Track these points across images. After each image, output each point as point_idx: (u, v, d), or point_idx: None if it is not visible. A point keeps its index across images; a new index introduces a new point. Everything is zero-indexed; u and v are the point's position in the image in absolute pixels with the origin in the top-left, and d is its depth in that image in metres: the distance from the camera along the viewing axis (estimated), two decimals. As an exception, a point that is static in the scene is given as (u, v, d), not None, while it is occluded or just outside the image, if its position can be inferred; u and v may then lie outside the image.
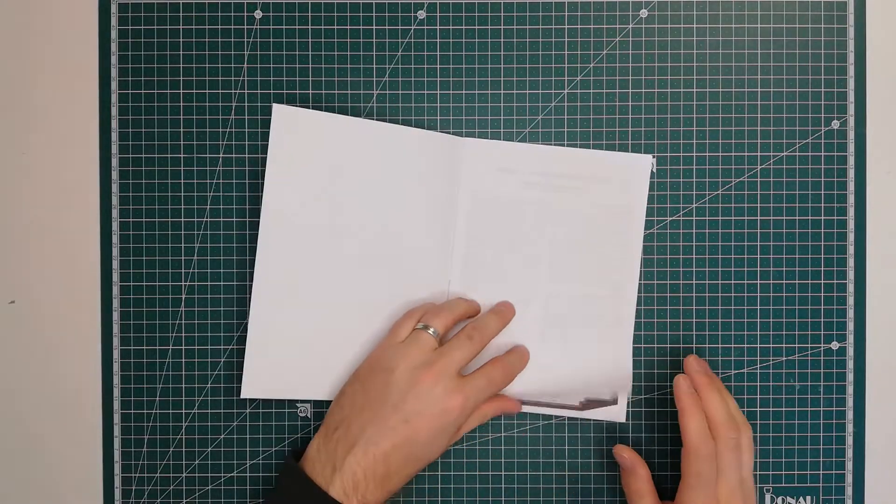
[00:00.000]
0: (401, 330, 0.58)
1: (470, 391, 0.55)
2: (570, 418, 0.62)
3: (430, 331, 0.56)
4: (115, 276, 0.62)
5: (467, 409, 0.55)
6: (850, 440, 0.62)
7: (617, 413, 0.62)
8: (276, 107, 0.60)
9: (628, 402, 0.62)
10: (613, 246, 0.62)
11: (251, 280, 0.62)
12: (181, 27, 0.62)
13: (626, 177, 0.62)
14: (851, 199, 0.62)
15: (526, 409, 0.62)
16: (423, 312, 0.59)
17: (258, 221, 0.62)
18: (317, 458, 0.54)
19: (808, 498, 0.62)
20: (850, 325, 0.62)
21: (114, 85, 0.62)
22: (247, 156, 0.62)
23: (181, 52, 0.62)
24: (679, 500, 0.55)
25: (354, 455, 0.53)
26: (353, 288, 0.61)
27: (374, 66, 0.62)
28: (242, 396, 0.61)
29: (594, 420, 0.62)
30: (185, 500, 0.63)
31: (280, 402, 0.62)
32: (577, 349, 0.62)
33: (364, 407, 0.54)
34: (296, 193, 0.60)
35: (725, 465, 0.55)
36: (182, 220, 0.62)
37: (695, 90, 0.62)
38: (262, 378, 0.61)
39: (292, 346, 0.61)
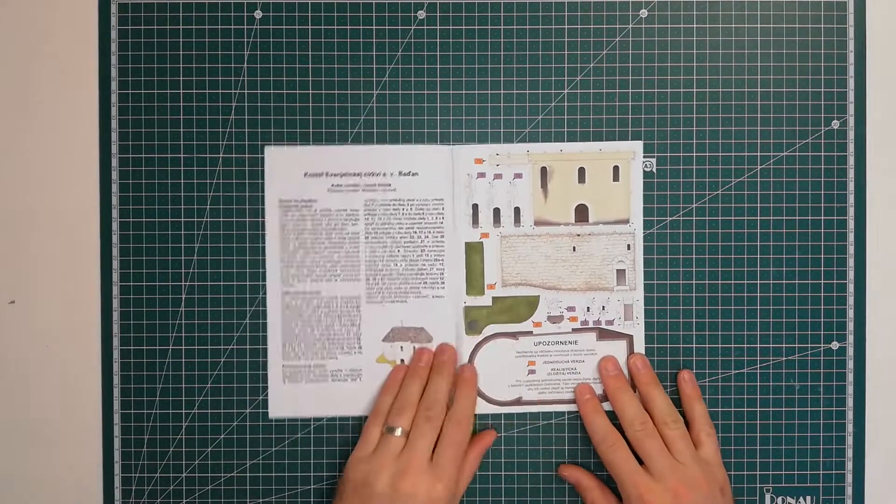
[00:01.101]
0: (369, 437, 0.59)
1: (447, 468, 0.57)
2: (570, 416, 0.63)
3: (397, 432, 0.58)
4: (115, 276, 0.62)
5: (452, 488, 0.57)
6: (850, 440, 0.62)
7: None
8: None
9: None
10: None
11: (251, 280, 0.62)
12: (181, 27, 0.62)
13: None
14: (851, 199, 0.62)
15: (546, 408, 0.63)
16: (385, 413, 0.60)
17: (258, 221, 0.62)
18: None
19: (808, 498, 0.62)
20: (850, 325, 0.62)
21: (114, 85, 0.62)
22: (247, 156, 0.62)
23: (181, 52, 0.62)
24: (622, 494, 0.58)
25: None
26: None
27: (374, 66, 0.62)
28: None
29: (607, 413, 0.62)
30: (185, 500, 0.63)
31: (280, 402, 0.63)
32: None
33: None
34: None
35: (647, 454, 0.57)
36: (182, 220, 0.62)
37: (695, 90, 0.62)
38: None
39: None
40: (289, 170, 0.62)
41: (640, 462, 0.58)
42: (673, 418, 0.59)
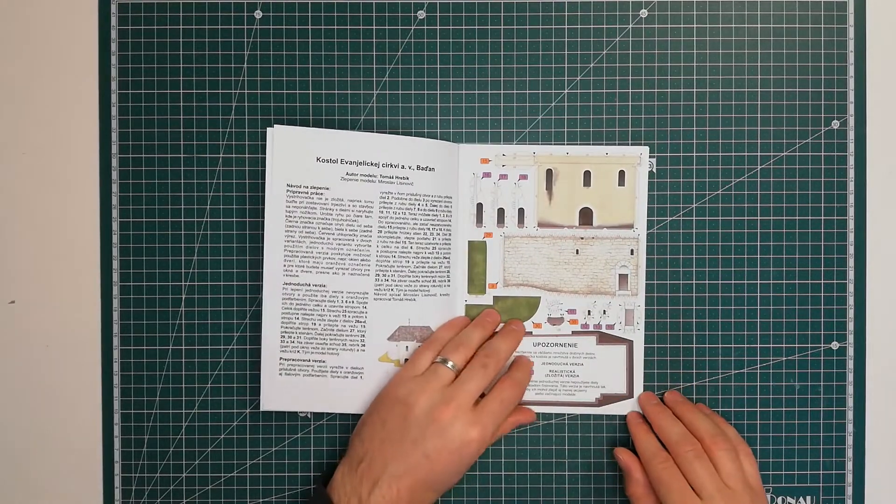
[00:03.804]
0: (419, 361, 0.59)
1: (487, 420, 0.56)
2: (570, 417, 0.63)
3: (449, 364, 0.58)
4: (115, 276, 0.62)
5: (486, 439, 0.56)
6: (850, 440, 0.62)
7: (632, 406, 0.63)
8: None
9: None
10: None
11: (251, 280, 0.62)
12: (181, 27, 0.62)
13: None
14: (851, 199, 0.62)
15: (543, 409, 0.63)
16: (440, 345, 0.60)
17: (258, 221, 0.62)
18: (342, 488, 0.55)
19: (808, 498, 0.62)
20: (850, 325, 0.62)
21: (114, 85, 0.62)
22: (247, 156, 0.62)
23: (181, 52, 0.62)
24: None
25: (380, 489, 0.54)
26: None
27: (374, 66, 0.62)
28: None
29: (605, 416, 0.62)
30: (185, 500, 0.63)
31: (280, 402, 0.63)
32: None
33: (385, 441, 0.56)
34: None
35: (696, 476, 0.56)
36: (182, 220, 0.62)
37: (695, 90, 0.62)
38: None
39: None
40: (299, 153, 0.60)
41: None
42: (723, 438, 0.57)
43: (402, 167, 0.60)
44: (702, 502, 0.55)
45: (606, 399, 0.63)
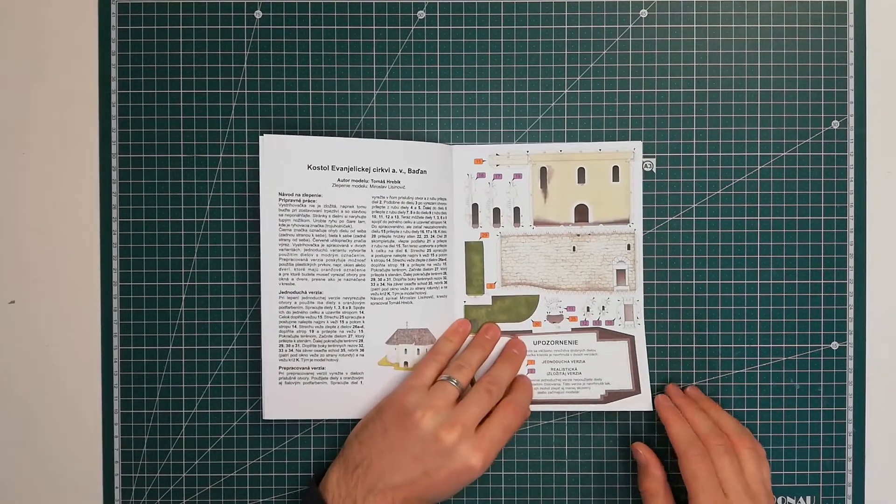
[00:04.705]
0: (426, 372, 0.59)
1: (490, 447, 0.56)
2: (571, 416, 0.63)
3: (454, 382, 0.58)
4: (115, 276, 0.62)
5: (488, 463, 0.56)
6: (850, 440, 0.62)
7: (642, 402, 0.62)
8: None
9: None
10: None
11: (251, 280, 0.62)
12: (181, 27, 0.62)
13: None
14: (851, 199, 0.62)
15: (546, 407, 0.63)
16: (445, 357, 0.60)
17: (258, 221, 0.62)
18: (336, 490, 0.56)
19: (808, 498, 0.62)
20: (850, 325, 0.62)
21: (114, 85, 0.62)
22: (247, 156, 0.62)
23: (181, 52, 0.62)
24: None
25: (374, 497, 0.55)
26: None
27: (374, 66, 0.62)
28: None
29: (607, 413, 0.62)
30: (185, 500, 0.63)
31: (280, 402, 0.63)
32: None
33: (385, 451, 0.56)
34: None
35: (723, 471, 0.55)
36: (182, 220, 0.62)
37: (695, 90, 0.62)
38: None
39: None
40: (290, 161, 0.59)
41: None
42: (748, 437, 0.57)
43: (393, 171, 0.60)
44: (727, 500, 0.54)
45: (612, 395, 0.62)
